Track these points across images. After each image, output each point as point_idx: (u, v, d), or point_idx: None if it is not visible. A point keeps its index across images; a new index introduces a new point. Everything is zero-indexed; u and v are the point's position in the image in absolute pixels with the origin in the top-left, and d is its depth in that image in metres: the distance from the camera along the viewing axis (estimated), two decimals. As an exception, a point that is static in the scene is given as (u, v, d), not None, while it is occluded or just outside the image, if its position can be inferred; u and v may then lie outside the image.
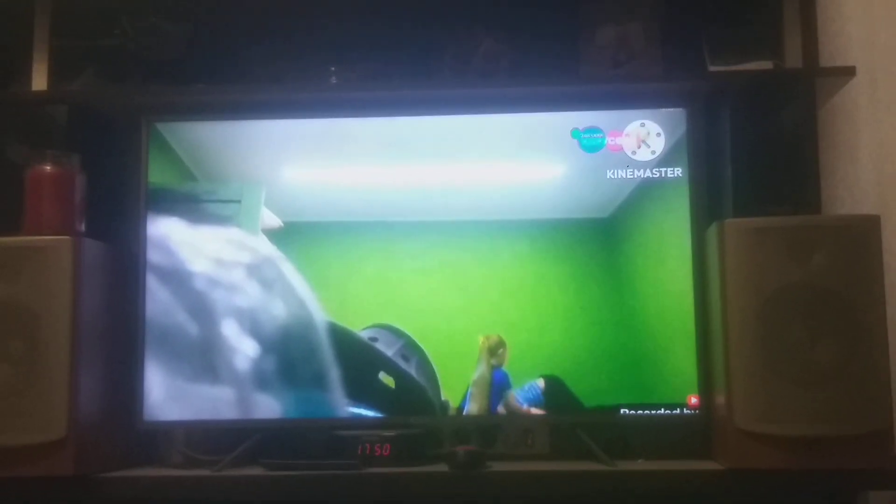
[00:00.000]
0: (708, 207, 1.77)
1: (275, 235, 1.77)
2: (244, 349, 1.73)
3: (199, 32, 1.97)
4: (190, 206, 1.78)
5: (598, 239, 1.76)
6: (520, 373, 1.73)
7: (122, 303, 1.73)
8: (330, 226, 1.78)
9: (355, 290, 1.76)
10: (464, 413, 1.73)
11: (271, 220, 1.77)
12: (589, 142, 1.78)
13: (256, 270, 1.75)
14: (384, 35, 1.96)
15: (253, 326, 1.73)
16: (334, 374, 1.73)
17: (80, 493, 1.60)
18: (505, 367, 1.73)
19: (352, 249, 1.77)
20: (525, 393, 1.73)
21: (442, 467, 1.63)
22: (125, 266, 1.76)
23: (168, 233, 1.77)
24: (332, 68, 1.93)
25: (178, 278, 1.75)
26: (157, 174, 1.79)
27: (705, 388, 1.69)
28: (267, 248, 1.76)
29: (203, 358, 1.73)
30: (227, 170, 1.79)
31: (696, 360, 1.70)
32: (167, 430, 1.76)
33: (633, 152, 1.77)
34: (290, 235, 1.77)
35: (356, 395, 1.73)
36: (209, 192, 1.78)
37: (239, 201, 1.78)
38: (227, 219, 1.77)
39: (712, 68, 1.83)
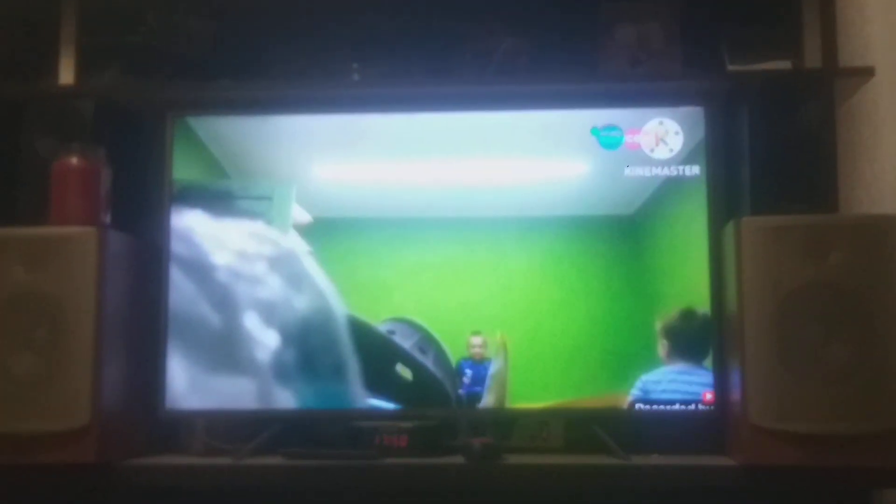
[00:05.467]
0: (726, 206, 1.77)
1: (300, 230, 1.78)
2: (265, 340, 1.74)
3: (224, 29, 2.00)
4: (221, 202, 1.79)
5: (619, 236, 1.76)
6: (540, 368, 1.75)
7: (145, 293, 1.76)
8: (351, 221, 1.79)
9: (375, 284, 1.78)
10: (480, 406, 1.75)
11: (301, 215, 1.79)
12: (608, 139, 1.79)
13: (278, 263, 1.77)
14: (405, 32, 1.98)
15: (274, 318, 1.75)
16: (353, 365, 1.74)
17: (102, 481, 1.62)
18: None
19: (372, 244, 1.79)
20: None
21: (458, 459, 1.64)
22: (150, 258, 1.78)
23: (193, 226, 1.79)
24: (355, 65, 1.95)
25: (201, 270, 1.77)
26: (188, 170, 1.80)
27: (720, 385, 1.69)
28: (290, 241, 1.78)
29: (224, 348, 1.75)
30: (256, 166, 1.81)
31: (711, 355, 1.71)
32: (188, 419, 1.78)
33: (652, 150, 1.78)
34: (313, 230, 1.78)
35: (374, 387, 1.75)
36: (241, 189, 1.80)
37: (270, 198, 1.79)
38: (258, 215, 1.78)
39: (731, 67, 1.84)
